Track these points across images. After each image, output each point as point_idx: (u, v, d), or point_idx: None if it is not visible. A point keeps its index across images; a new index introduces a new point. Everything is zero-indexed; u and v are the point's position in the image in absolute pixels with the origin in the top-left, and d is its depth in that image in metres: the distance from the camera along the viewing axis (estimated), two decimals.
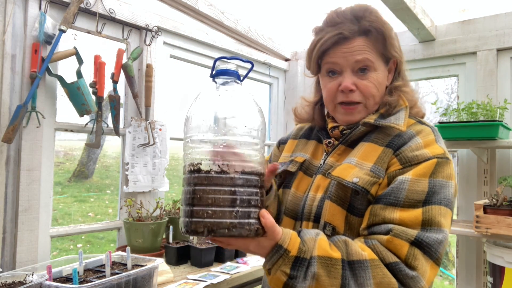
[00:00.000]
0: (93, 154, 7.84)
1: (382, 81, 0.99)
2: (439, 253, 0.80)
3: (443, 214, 0.82)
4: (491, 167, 2.13)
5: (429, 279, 0.79)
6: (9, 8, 1.55)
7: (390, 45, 0.97)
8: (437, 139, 0.92)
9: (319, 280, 0.76)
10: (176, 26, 2.20)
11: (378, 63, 0.97)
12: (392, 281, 0.76)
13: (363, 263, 0.77)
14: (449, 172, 0.87)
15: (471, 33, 2.28)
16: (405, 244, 0.78)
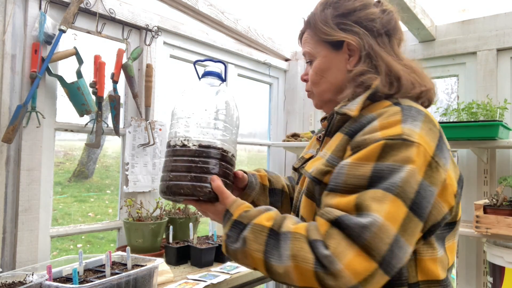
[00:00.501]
0: (93, 154, 7.84)
1: (327, 67, 0.95)
2: (366, 239, 0.67)
3: (378, 198, 0.70)
4: (491, 167, 2.13)
5: (353, 267, 0.68)
6: (9, 8, 1.55)
7: (319, 29, 0.94)
8: (404, 120, 0.77)
9: (247, 243, 0.80)
10: (176, 26, 2.20)
11: (318, 50, 0.96)
12: (308, 256, 0.71)
13: (287, 235, 0.76)
14: (405, 155, 0.72)
15: (471, 33, 2.28)
16: (325, 223, 0.73)
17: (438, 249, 0.80)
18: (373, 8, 0.93)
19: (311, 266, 0.71)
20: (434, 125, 0.80)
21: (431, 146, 0.75)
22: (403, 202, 0.70)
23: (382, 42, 0.92)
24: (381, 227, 0.68)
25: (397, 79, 0.87)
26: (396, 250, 0.69)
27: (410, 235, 0.71)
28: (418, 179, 0.72)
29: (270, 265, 0.77)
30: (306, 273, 0.72)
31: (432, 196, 0.73)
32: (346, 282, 0.68)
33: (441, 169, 0.75)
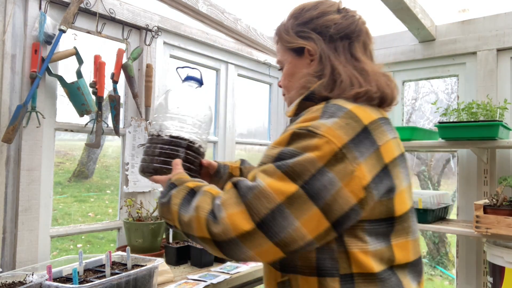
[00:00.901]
0: (93, 154, 7.84)
1: (292, 72, 1.04)
2: (248, 199, 0.77)
3: (268, 171, 0.80)
4: (491, 167, 2.13)
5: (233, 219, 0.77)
6: (9, 8, 1.55)
7: (283, 38, 1.04)
8: (321, 116, 0.84)
9: (170, 199, 0.94)
10: (176, 26, 2.20)
11: (285, 57, 1.05)
12: (207, 207, 0.83)
13: (200, 192, 0.90)
14: (306, 144, 0.79)
15: (471, 33, 2.28)
16: (230, 184, 0.85)
17: (371, 243, 0.83)
18: (332, 15, 0.99)
19: (205, 214, 0.82)
20: (357, 120, 0.83)
21: (342, 139, 0.79)
22: (292, 180, 0.77)
23: (336, 46, 0.98)
24: (263, 192, 0.77)
25: (337, 79, 0.93)
26: (279, 218, 0.75)
27: (299, 211, 0.76)
28: (317, 165, 0.77)
29: (179, 216, 0.89)
30: (201, 221, 0.82)
31: (331, 183, 0.77)
32: (226, 232, 0.78)
33: (349, 161, 0.78)
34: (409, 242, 0.89)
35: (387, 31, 2.60)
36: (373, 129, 0.84)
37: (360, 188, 0.79)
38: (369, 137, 0.83)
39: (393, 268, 0.86)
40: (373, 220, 0.84)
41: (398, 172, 0.87)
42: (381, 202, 0.83)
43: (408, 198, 0.90)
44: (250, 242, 0.77)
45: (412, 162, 7.05)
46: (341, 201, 0.77)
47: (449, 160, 6.96)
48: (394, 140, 0.90)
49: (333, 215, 0.77)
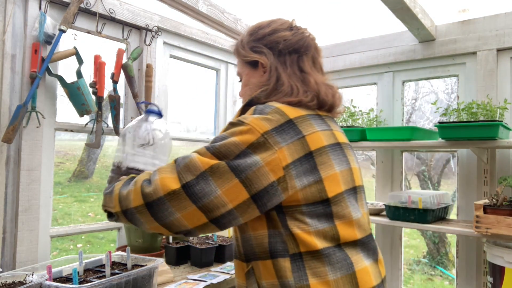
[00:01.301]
0: (93, 154, 7.84)
1: (246, 82, 1.17)
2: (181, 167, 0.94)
3: (200, 151, 0.95)
4: (491, 167, 2.13)
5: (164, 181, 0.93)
6: (9, 8, 1.55)
7: (239, 53, 1.17)
8: (254, 113, 0.99)
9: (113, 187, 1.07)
10: (176, 26, 2.20)
11: (242, 70, 1.19)
12: (144, 177, 1.00)
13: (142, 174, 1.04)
14: (233, 130, 0.95)
15: (471, 33, 2.28)
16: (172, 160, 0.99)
17: (312, 224, 0.95)
18: (283, 32, 1.12)
19: (141, 182, 0.98)
20: (282, 115, 0.98)
21: (264, 127, 0.94)
22: (215, 156, 0.93)
23: (285, 60, 1.11)
24: (192, 161, 0.93)
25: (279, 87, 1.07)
26: (202, 184, 0.90)
27: (221, 180, 0.91)
28: (240, 147, 0.92)
29: (119, 194, 1.02)
30: (137, 190, 0.97)
31: (253, 163, 0.91)
32: (156, 191, 0.93)
33: (270, 145, 0.92)
34: (353, 221, 1.00)
35: (387, 31, 2.60)
36: (298, 122, 0.99)
37: (279, 168, 0.92)
38: (293, 128, 0.97)
39: (341, 246, 0.96)
40: (310, 204, 0.95)
41: (328, 158, 0.99)
42: (310, 186, 0.94)
43: (342, 181, 1.01)
44: (176, 202, 0.91)
45: (412, 162, 7.05)
46: (261, 177, 0.91)
47: (449, 160, 6.96)
48: (325, 132, 1.03)
49: (252, 189, 0.91)
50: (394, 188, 2.56)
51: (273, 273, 0.94)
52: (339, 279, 0.93)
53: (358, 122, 2.49)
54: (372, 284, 0.97)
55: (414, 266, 5.91)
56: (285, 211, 0.94)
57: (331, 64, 2.82)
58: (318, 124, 1.03)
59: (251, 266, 0.99)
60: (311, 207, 0.95)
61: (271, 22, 1.16)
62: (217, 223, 0.93)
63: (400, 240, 2.53)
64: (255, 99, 1.07)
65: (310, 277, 0.92)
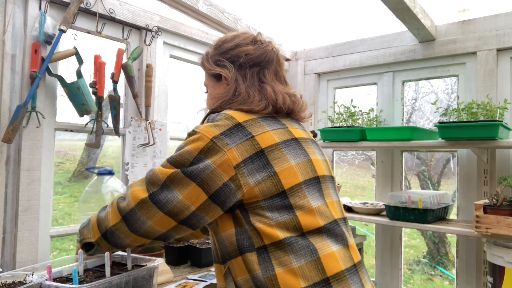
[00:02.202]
0: (93, 154, 7.84)
1: (212, 94, 1.23)
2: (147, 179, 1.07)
3: (162, 164, 1.07)
4: (491, 167, 2.13)
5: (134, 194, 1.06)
6: (9, 8, 1.55)
7: (204, 66, 1.25)
8: (208, 122, 1.08)
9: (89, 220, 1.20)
10: (176, 26, 2.20)
11: (208, 82, 1.26)
12: (119, 196, 1.13)
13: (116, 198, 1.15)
14: (187, 140, 1.05)
15: (471, 33, 2.28)
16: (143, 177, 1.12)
17: (272, 217, 1.00)
18: (244, 47, 1.19)
19: (116, 201, 1.10)
20: (230, 120, 1.06)
21: (213, 133, 1.02)
22: (173, 166, 1.04)
23: (246, 73, 1.17)
24: (155, 173, 1.05)
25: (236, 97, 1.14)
26: (165, 192, 1.02)
27: (179, 185, 1.01)
28: (193, 154, 1.02)
29: (98, 220, 1.14)
30: (113, 207, 1.10)
31: (206, 166, 1.00)
32: (129, 203, 1.06)
33: (219, 148, 1.00)
34: (313, 210, 1.04)
35: (387, 31, 2.60)
36: (247, 125, 1.06)
37: (231, 167, 0.99)
38: (242, 130, 1.04)
39: (304, 234, 1.00)
40: (268, 198, 1.00)
41: (281, 153, 1.05)
42: (265, 181, 1.00)
43: (300, 172, 1.06)
44: (145, 210, 1.03)
45: (412, 162, 7.05)
46: (215, 178, 0.99)
47: (449, 160, 6.96)
48: (278, 130, 1.09)
49: (209, 190, 0.99)
50: (394, 188, 2.56)
51: (244, 269, 1.00)
52: (304, 266, 0.97)
53: (358, 122, 2.49)
54: (341, 268, 1.00)
55: (414, 266, 5.91)
56: (247, 208, 1.01)
57: (331, 64, 2.82)
58: (270, 124, 1.10)
59: (227, 267, 1.04)
60: (269, 201, 1.00)
61: (235, 36, 1.23)
62: (186, 223, 1.04)
63: (400, 240, 2.53)
64: (214, 109, 1.15)
65: (276, 267, 0.96)
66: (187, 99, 3.29)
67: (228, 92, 1.16)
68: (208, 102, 1.27)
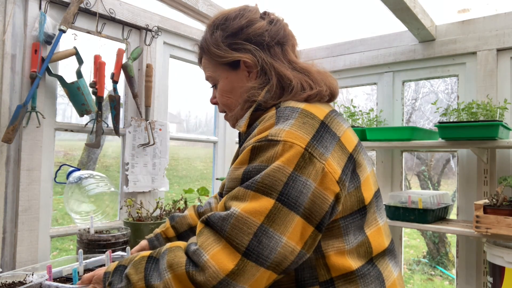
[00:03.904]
0: (93, 154, 7.84)
1: (231, 87, 0.99)
2: (226, 231, 0.72)
3: (238, 195, 0.75)
4: (491, 167, 2.13)
5: (218, 258, 0.70)
6: (9, 8, 1.55)
7: (214, 53, 0.98)
8: (276, 121, 0.82)
9: (130, 279, 0.79)
10: (176, 26, 2.20)
11: (218, 73, 1.00)
12: (181, 260, 0.74)
13: (165, 252, 0.79)
14: (270, 155, 0.76)
15: (471, 33, 2.28)
16: (200, 225, 0.78)
17: (347, 241, 0.81)
18: (259, 22, 0.97)
19: (183, 268, 0.73)
20: (313, 117, 0.82)
21: (304, 139, 0.77)
22: (265, 195, 0.73)
23: (275, 53, 0.96)
24: (240, 218, 0.72)
25: (287, 85, 0.91)
26: (265, 240, 0.71)
27: (281, 225, 0.72)
28: (287, 171, 0.74)
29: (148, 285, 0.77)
30: (181, 278, 0.72)
31: (305, 186, 0.74)
32: (214, 275, 0.69)
33: (316, 159, 0.76)
34: (380, 227, 0.89)
35: (387, 31, 2.60)
36: (329, 122, 0.84)
37: (334, 183, 0.77)
38: (328, 131, 0.82)
39: (372, 260, 0.84)
40: (347, 215, 0.82)
41: (362, 159, 0.87)
42: (350, 194, 0.82)
43: (372, 183, 0.90)
44: (242, 277, 0.70)
45: (412, 162, 7.05)
46: (319, 202, 0.75)
47: (449, 160, 6.96)
48: (350, 129, 0.90)
49: (315, 218, 0.75)
50: (394, 188, 2.56)
51: None
52: None
53: (358, 122, 2.49)
54: None
55: (414, 266, 5.91)
56: None
57: (331, 64, 2.82)
58: (342, 121, 0.89)
59: None
60: (349, 219, 0.82)
61: (240, 10, 0.98)
62: (284, 272, 0.75)
63: (400, 240, 2.53)
64: (263, 103, 0.90)
65: None
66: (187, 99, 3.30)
67: (268, 82, 0.92)
68: (232, 99, 0.99)
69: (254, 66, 0.95)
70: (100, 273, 0.90)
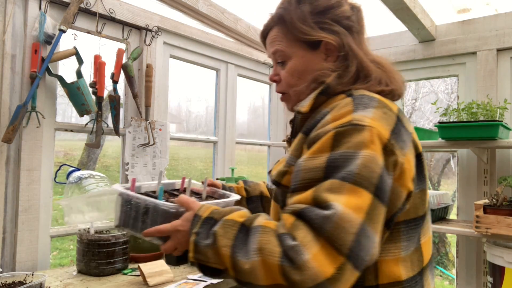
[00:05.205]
0: (93, 154, 7.84)
1: (304, 68, 0.90)
2: (326, 231, 0.64)
3: (335, 188, 0.67)
4: (491, 167, 2.13)
5: (319, 259, 0.63)
6: (9, 8, 1.54)
7: (297, 29, 0.88)
8: (355, 109, 0.75)
9: (216, 239, 0.74)
10: (176, 26, 2.20)
11: (293, 50, 0.90)
12: (276, 250, 0.66)
13: (257, 228, 0.71)
14: (357, 140, 0.69)
15: (471, 33, 2.28)
16: (290, 216, 0.69)
17: (403, 248, 0.76)
18: (345, 5, 0.90)
19: (277, 260, 0.66)
20: (390, 109, 0.78)
21: (386, 130, 0.72)
22: (364, 189, 0.66)
23: (359, 40, 0.91)
24: (343, 216, 0.64)
25: (364, 76, 0.86)
26: (363, 241, 0.64)
27: (376, 223, 0.67)
28: (379, 162, 0.69)
29: (236, 262, 0.70)
30: (271, 268, 0.66)
31: (390, 180, 0.70)
32: (313, 277, 0.62)
33: (398, 152, 0.72)
34: (431, 237, 0.85)
35: (387, 31, 2.60)
36: (402, 117, 0.79)
37: (410, 181, 0.73)
38: (403, 126, 0.77)
39: (422, 271, 0.80)
40: (409, 220, 0.77)
41: (424, 160, 0.83)
42: (415, 195, 0.77)
43: None
44: (340, 282, 0.63)
45: None
46: (394, 197, 0.71)
47: (449, 160, 6.96)
48: None
49: (389, 214, 0.71)
50: None
51: None
52: None
53: None
54: None
55: None
56: None
57: None
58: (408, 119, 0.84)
59: None
60: (411, 224, 0.77)
61: None
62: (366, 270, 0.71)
63: None
64: (331, 86, 0.84)
65: None
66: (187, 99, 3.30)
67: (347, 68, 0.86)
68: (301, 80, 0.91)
69: (336, 50, 0.88)
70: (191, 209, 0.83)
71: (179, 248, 0.84)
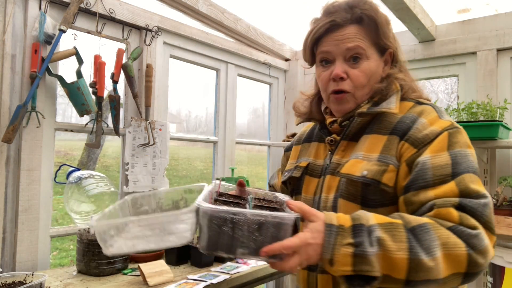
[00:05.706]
0: (93, 154, 7.84)
1: (375, 71, 0.98)
2: (486, 216, 0.78)
3: (475, 180, 0.82)
4: (491, 167, 2.13)
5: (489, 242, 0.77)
6: (9, 8, 1.55)
7: (383, 34, 0.96)
8: (440, 115, 0.91)
9: (385, 246, 0.72)
10: (176, 26, 2.20)
11: (371, 51, 0.97)
12: (459, 241, 0.74)
13: (424, 226, 0.75)
14: (464, 140, 0.88)
15: (471, 33, 2.28)
16: (452, 210, 0.78)
17: None
18: None
19: (463, 250, 0.74)
20: None
21: None
22: (480, 178, 0.85)
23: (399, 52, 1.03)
24: (490, 204, 0.80)
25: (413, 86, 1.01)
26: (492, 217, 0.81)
27: None
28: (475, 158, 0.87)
29: (418, 262, 0.72)
30: (457, 259, 0.73)
31: None
32: (490, 258, 0.76)
33: None
34: None
35: None
36: None
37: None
38: None
39: None
40: None
41: None
42: None
43: None
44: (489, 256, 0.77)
45: None
46: None
47: None
48: None
49: None
50: None
51: None
52: None
53: None
54: None
55: None
56: None
57: None
58: None
59: None
60: None
61: None
62: None
63: None
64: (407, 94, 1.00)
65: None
66: (187, 99, 3.29)
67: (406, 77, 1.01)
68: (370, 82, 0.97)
69: (391, 60, 1.01)
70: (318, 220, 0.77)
71: (304, 263, 0.76)
